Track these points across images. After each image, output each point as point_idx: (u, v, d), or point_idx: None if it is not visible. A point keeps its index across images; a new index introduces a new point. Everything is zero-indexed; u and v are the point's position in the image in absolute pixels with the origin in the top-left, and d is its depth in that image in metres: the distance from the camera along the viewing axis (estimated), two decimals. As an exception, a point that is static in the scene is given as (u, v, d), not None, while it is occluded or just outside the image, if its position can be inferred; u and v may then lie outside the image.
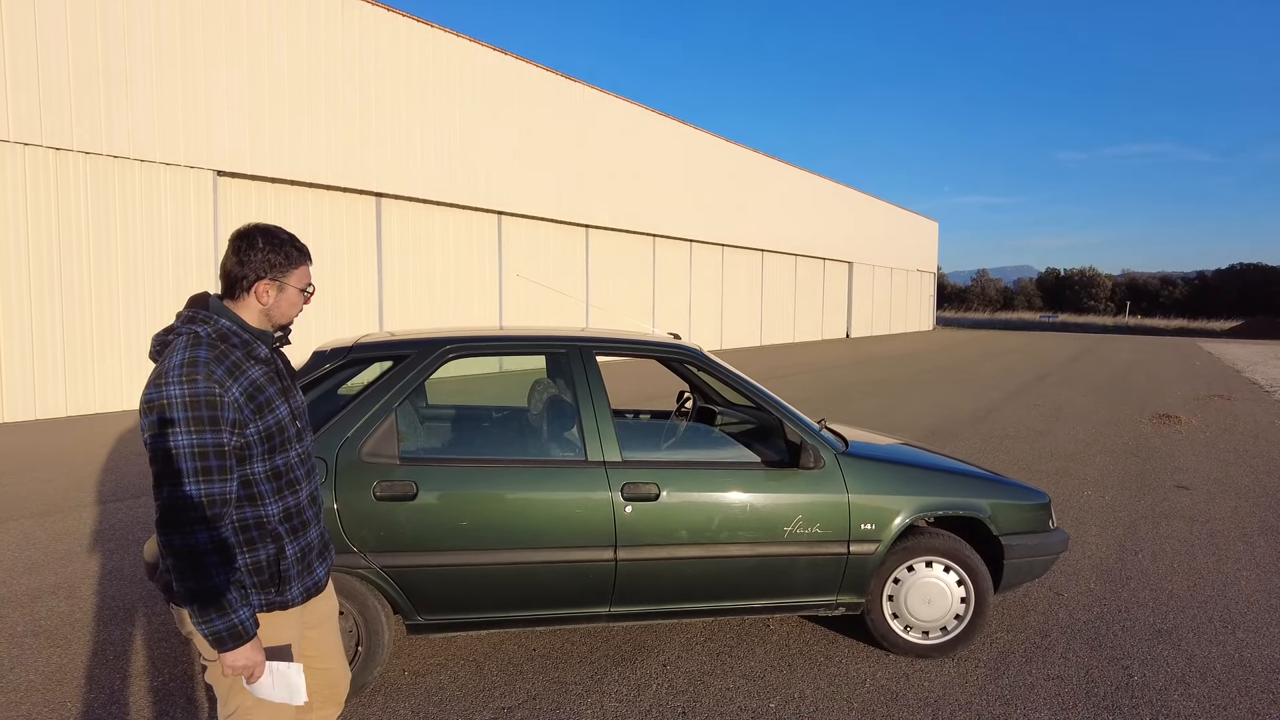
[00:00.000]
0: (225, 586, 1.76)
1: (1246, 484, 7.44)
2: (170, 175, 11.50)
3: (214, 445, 1.76)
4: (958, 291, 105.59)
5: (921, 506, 3.61)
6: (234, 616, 1.77)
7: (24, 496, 6.33)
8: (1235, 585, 4.72)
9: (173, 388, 1.74)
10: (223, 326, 1.86)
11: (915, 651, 3.66)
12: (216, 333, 1.85)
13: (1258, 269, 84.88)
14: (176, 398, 1.74)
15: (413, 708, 3.15)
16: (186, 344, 1.81)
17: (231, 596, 1.78)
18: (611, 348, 3.64)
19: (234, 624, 1.77)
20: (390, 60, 14.62)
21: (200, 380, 1.76)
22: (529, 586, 3.27)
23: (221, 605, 1.75)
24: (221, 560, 1.77)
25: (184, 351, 1.79)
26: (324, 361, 3.31)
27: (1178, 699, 3.34)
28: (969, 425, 10.57)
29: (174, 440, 1.73)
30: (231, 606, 1.77)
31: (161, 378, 1.76)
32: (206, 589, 1.74)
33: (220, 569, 1.76)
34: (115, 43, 10.78)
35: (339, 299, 14.18)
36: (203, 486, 1.74)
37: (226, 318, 1.89)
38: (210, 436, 1.75)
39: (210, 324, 1.86)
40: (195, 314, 1.87)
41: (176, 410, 1.73)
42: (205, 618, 1.75)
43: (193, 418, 1.74)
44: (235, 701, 1.94)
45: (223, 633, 1.76)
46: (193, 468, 1.73)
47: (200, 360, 1.78)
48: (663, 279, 23.37)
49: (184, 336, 1.84)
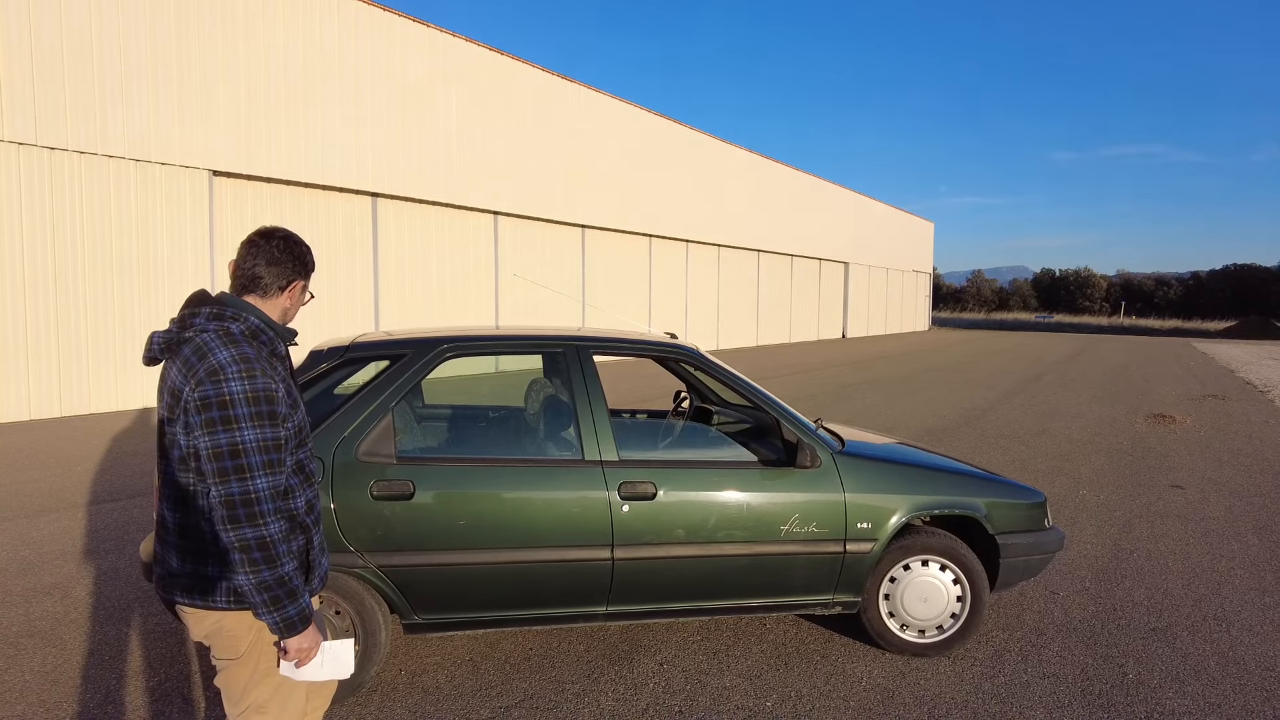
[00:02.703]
0: (294, 573, 1.82)
1: (1240, 483, 7.47)
2: (165, 175, 11.47)
3: (274, 439, 1.80)
4: (953, 292, 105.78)
5: (918, 505, 3.62)
6: (303, 601, 1.83)
7: (18, 497, 6.31)
8: (1229, 583, 4.74)
9: (234, 383, 1.76)
10: (253, 324, 1.89)
11: (911, 650, 3.67)
12: (249, 329, 1.88)
13: (1252, 270, 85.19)
14: (239, 393, 1.76)
15: (410, 707, 3.15)
16: (223, 340, 1.82)
17: (299, 582, 1.83)
18: (608, 347, 3.65)
19: (303, 608, 1.83)
20: (386, 60, 14.59)
21: (259, 375, 1.79)
22: (526, 586, 3.27)
23: (294, 592, 1.81)
24: (289, 549, 1.82)
25: (228, 348, 1.80)
26: (321, 361, 3.31)
27: (1172, 697, 3.35)
28: (965, 425, 10.59)
29: (241, 435, 1.75)
30: (300, 592, 1.83)
31: (218, 374, 1.76)
32: (280, 578, 1.78)
33: (289, 557, 1.81)
34: (110, 41, 10.75)
35: (335, 299, 14.16)
36: (270, 479, 1.78)
37: (254, 315, 1.91)
38: (271, 430, 1.79)
39: (242, 321, 1.87)
40: (222, 311, 1.87)
41: (241, 406, 1.76)
42: (279, 606, 1.79)
43: (256, 413, 1.77)
44: (251, 698, 1.96)
45: (294, 618, 1.81)
46: (261, 461, 1.77)
47: (251, 356, 1.81)
48: (659, 279, 23.38)
49: (213, 333, 1.83)
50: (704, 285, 25.65)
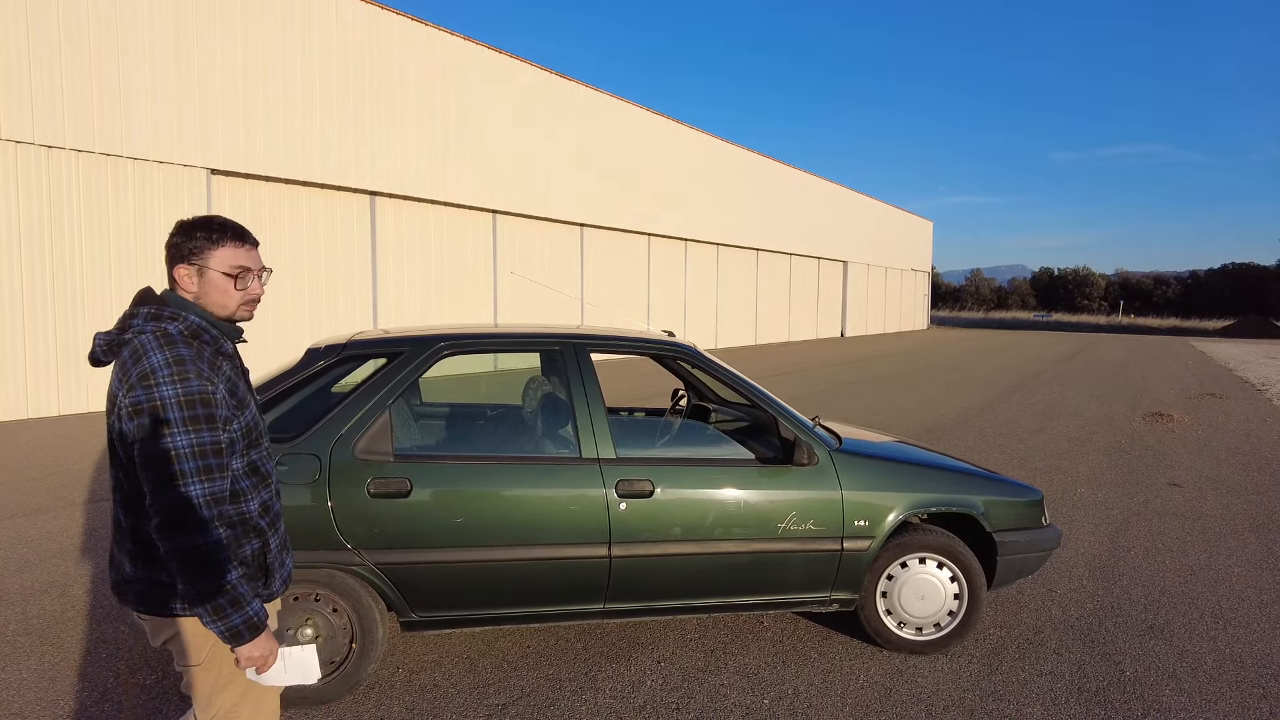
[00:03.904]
0: (237, 581, 1.77)
1: (1238, 481, 7.48)
2: (164, 173, 11.46)
3: (212, 443, 1.75)
4: (952, 291, 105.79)
5: (915, 503, 3.62)
6: (249, 609, 1.78)
7: (16, 495, 6.30)
8: (1226, 581, 4.75)
9: (165, 388, 1.70)
10: (194, 323, 1.82)
11: (909, 648, 3.67)
12: (189, 329, 1.81)
13: (1250, 268, 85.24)
14: (171, 398, 1.71)
15: (407, 705, 3.15)
16: (160, 342, 1.76)
17: (244, 590, 1.78)
18: (606, 345, 3.65)
19: (249, 616, 1.78)
20: (384, 58, 14.58)
21: (193, 378, 1.73)
22: (523, 583, 3.27)
23: (237, 600, 1.76)
24: (230, 556, 1.77)
25: (162, 350, 1.74)
26: (318, 359, 3.30)
27: (1169, 694, 3.36)
28: (963, 423, 10.60)
29: (173, 441, 1.70)
30: (246, 600, 1.78)
31: (149, 378, 1.71)
32: (220, 586, 1.74)
33: (230, 565, 1.76)
34: (108, 39, 10.73)
35: (334, 297, 14.15)
36: (206, 485, 1.73)
37: (194, 313, 1.84)
38: (208, 434, 1.74)
39: (180, 320, 1.81)
40: (160, 310, 1.81)
41: (172, 410, 1.70)
42: (222, 615, 1.74)
43: (190, 417, 1.72)
44: (219, 703, 1.93)
45: (240, 626, 1.77)
46: (195, 467, 1.72)
47: (186, 358, 1.75)
48: (658, 278, 23.37)
49: (150, 334, 1.77)
50: (702, 284, 25.65)
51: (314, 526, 3.06)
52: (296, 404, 3.22)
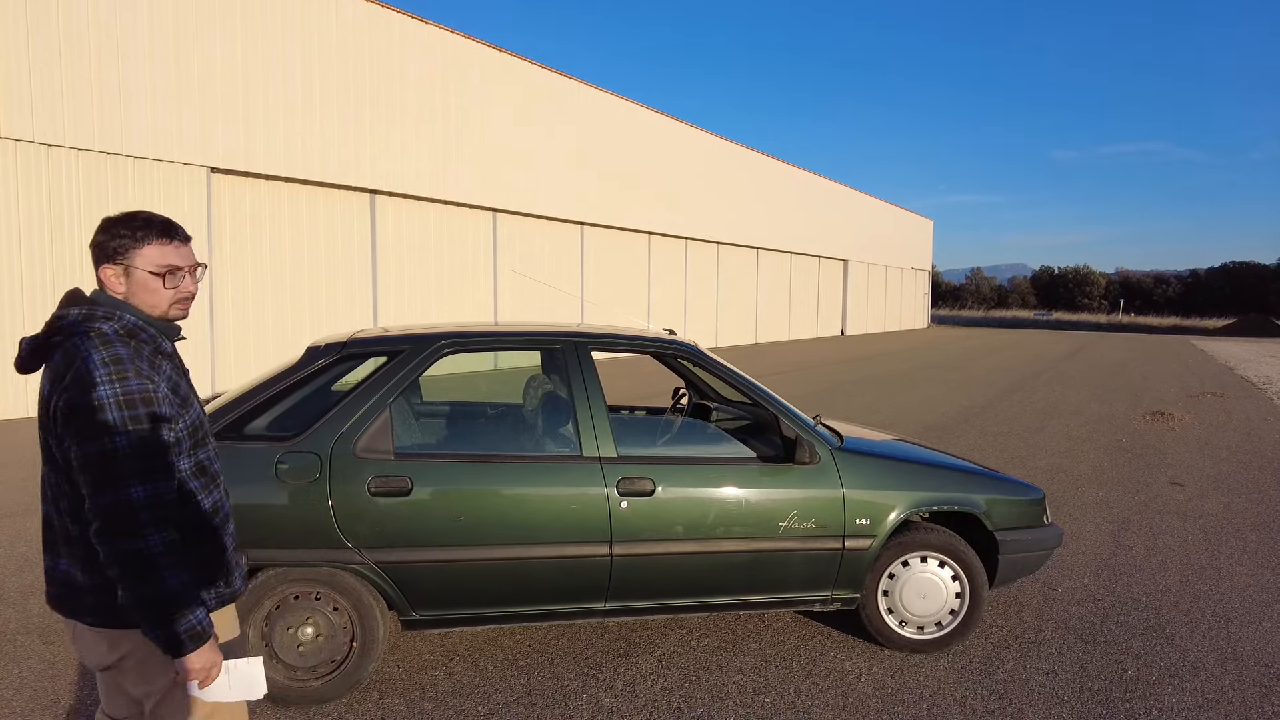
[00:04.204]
0: (181, 587, 1.69)
1: (1239, 480, 7.47)
2: (164, 172, 11.45)
3: (155, 443, 1.68)
4: (952, 289, 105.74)
5: (916, 502, 3.62)
6: (193, 617, 1.70)
7: (16, 493, 6.30)
8: (1228, 580, 4.74)
9: (104, 387, 1.64)
10: (129, 321, 1.76)
11: (910, 647, 3.67)
12: (124, 329, 1.75)
13: (1250, 267, 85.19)
14: (109, 397, 1.64)
15: (408, 703, 3.15)
16: (95, 342, 1.69)
17: (187, 597, 1.70)
18: (607, 343, 3.64)
19: (193, 624, 1.70)
20: (384, 56, 14.57)
21: (132, 377, 1.67)
22: (524, 582, 3.26)
23: (180, 607, 1.68)
24: (174, 561, 1.69)
25: (98, 350, 1.67)
26: (318, 357, 3.30)
27: (1171, 693, 3.35)
28: (963, 422, 10.59)
29: (113, 442, 1.63)
30: (189, 607, 1.70)
31: (84, 378, 1.64)
32: (164, 593, 1.66)
33: (174, 570, 1.68)
34: (108, 38, 10.72)
35: (334, 295, 14.15)
36: (148, 487, 1.67)
37: (129, 312, 1.77)
38: (149, 434, 1.68)
39: (115, 320, 1.74)
40: (93, 310, 1.74)
41: (111, 411, 1.64)
42: (163, 623, 1.67)
43: (130, 416, 1.65)
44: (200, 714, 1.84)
45: (183, 635, 1.68)
46: (137, 468, 1.65)
47: (123, 356, 1.68)
48: (658, 276, 23.37)
49: (83, 336, 1.70)
50: (702, 282, 25.64)
51: (315, 525, 3.05)
52: (297, 402, 3.21)
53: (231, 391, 3.34)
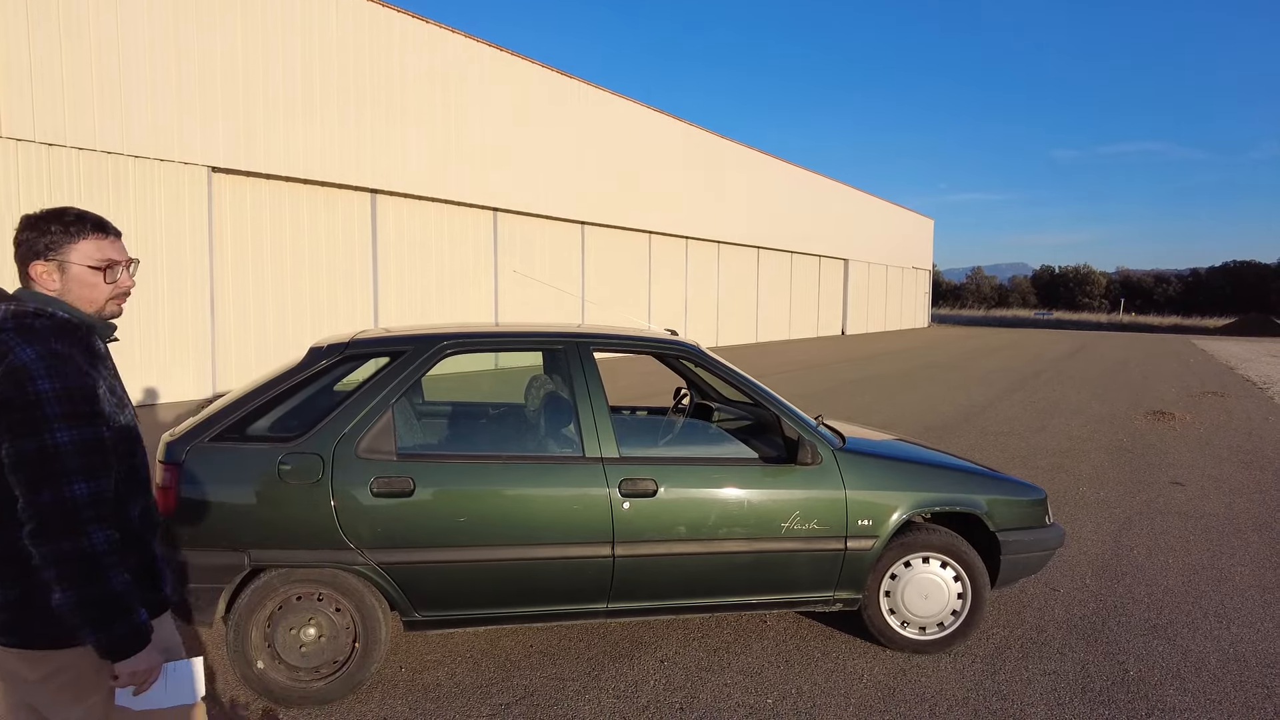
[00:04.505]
0: (124, 588, 1.64)
1: (1240, 480, 7.47)
2: (164, 171, 11.44)
3: (95, 439, 1.63)
4: (953, 289, 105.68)
5: (919, 502, 3.62)
6: (135, 618, 1.65)
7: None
8: (1230, 580, 4.74)
9: (42, 382, 1.58)
10: (61, 318, 1.70)
11: (912, 647, 3.67)
12: (57, 325, 1.69)
13: (1251, 266, 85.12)
14: (49, 392, 1.58)
15: (410, 704, 3.15)
16: (29, 338, 1.63)
17: (130, 597, 1.65)
18: (609, 343, 3.64)
19: (136, 625, 1.65)
20: (384, 56, 14.56)
21: (71, 373, 1.62)
22: (527, 583, 3.26)
23: (126, 608, 1.63)
24: (117, 561, 1.64)
25: (33, 345, 1.62)
26: (320, 358, 3.30)
27: (1173, 694, 3.35)
28: (964, 421, 10.59)
29: (54, 437, 1.58)
30: (132, 607, 1.65)
31: (20, 373, 1.58)
32: (108, 593, 1.61)
33: (117, 570, 1.63)
34: (108, 37, 10.71)
35: (334, 295, 14.14)
36: (90, 484, 1.61)
37: (61, 309, 1.71)
38: (91, 431, 1.63)
39: (46, 316, 1.68)
40: (21, 308, 1.68)
41: (51, 406, 1.58)
42: (107, 625, 1.61)
43: (71, 412, 1.60)
44: None
45: (126, 637, 1.63)
46: (79, 465, 1.60)
47: (59, 352, 1.63)
48: (658, 276, 23.36)
49: (12, 331, 1.64)
50: (703, 282, 25.63)
51: (317, 526, 3.05)
52: (299, 403, 3.21)
53: (234, 392, 3.34)
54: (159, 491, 3.04)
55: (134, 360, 11.28)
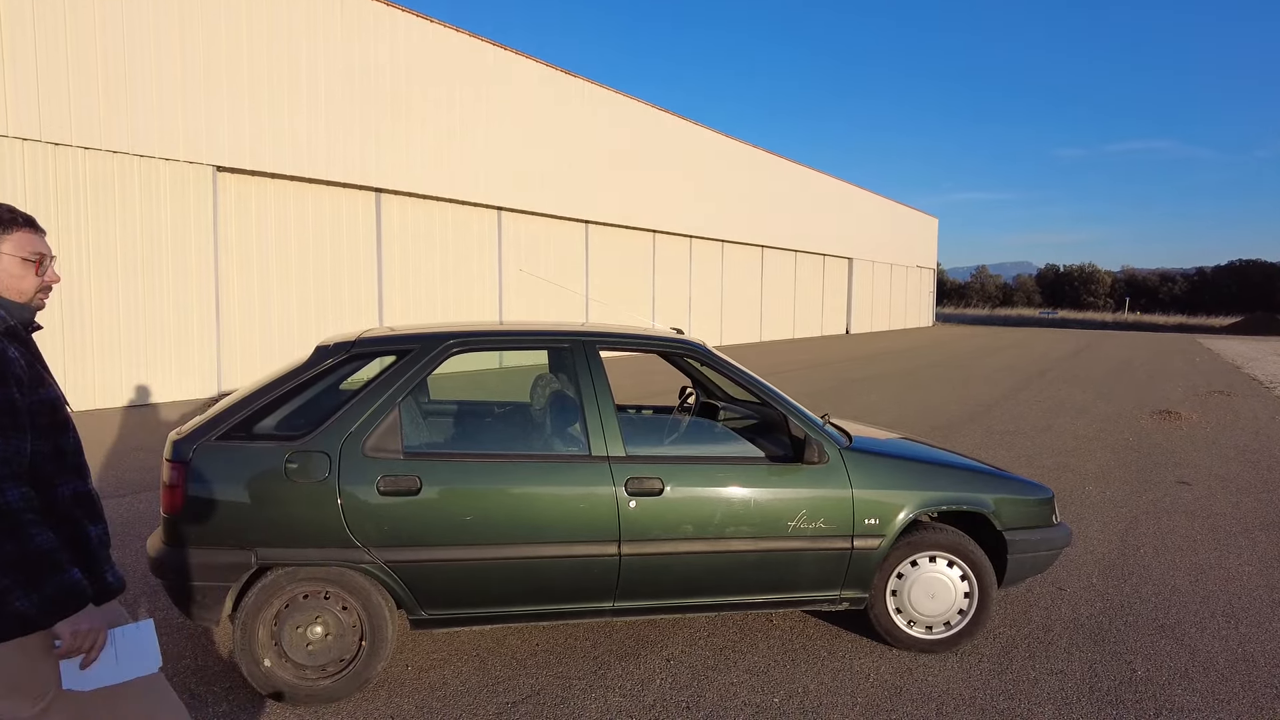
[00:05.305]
0: (50, 545, 1.60)
1: (1247, 479, 7.44)
2: (169, 171, 11.47)
3: (6, 402, 1.63)
4: (957, 288, 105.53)
5: (925, 501, 3.61)
6: (67, 576, 1.60)
7: (25, 492, 6.31)
8: (1237, 579, 4.72)
9: None
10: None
11: (919, 646, 3.66)
12: None
13: (1257, 265, 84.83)
14: None
15: (416, 703, 3.15)
16: None
17: (58, 555, 1.61)
18: (614, 342, 3.64)
19: (70, 582, 1.60)
20: (389, 55, 14.57)
21: None
22: (533, 581, 3.26)
23: (51, 563, 1.59)
24: (38, 519, 1.61)
25: None
26: (327, 356, 3.30)
27: (1181, 693, 3.34)
28: (970, 420, 10.57)
29: None
30: (61, 564, 1.60)
31: None
32: (32, 550, 1.58)
33: (39, 528, 1.60)
34: (114, 37, 10.74)
35: (339, 294, 14.16)
36: (1, 443, 1.61)
37: None
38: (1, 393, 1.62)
39: None
40: None
41: None
42: (35, 584, 1.58)
43: None
44: None
45: (58, 594, 1.59)
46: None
47: None
48: (662, 275, 23.35)
49: None
50: (707, 280, 25.62)
51: (323, 524, 3.06)
52: (305, 401, 3.21)
53: (240, 391, 3.35)
54: (166, 490, 3.04)
55: (139, 359, 11.31)
